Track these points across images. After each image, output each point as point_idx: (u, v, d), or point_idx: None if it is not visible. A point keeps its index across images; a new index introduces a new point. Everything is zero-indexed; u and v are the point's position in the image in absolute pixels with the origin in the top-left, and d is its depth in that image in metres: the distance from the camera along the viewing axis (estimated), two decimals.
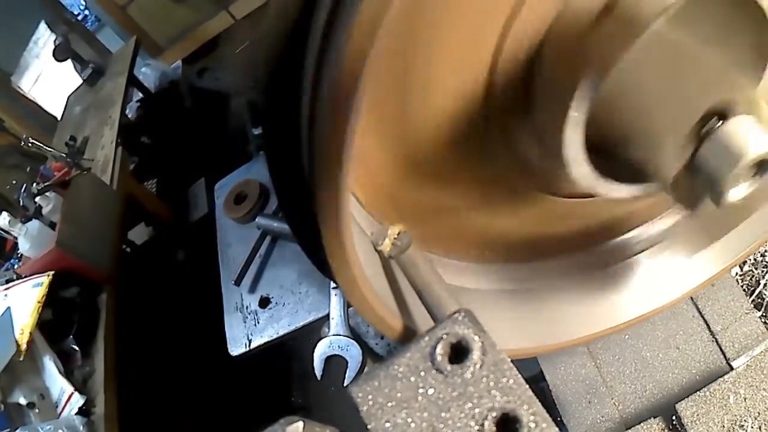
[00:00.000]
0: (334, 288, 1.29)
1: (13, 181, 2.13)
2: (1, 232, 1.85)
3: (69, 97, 2.89)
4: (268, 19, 0.52)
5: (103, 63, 2.89)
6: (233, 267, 1.48)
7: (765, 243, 1.00)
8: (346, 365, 1.25)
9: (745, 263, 1.26)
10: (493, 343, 0.47)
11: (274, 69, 0.55)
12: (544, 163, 0.71)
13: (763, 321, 1.12)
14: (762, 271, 1.24)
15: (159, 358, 2.15)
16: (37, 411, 1.46)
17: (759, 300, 1.20)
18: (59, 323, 1.64)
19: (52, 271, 1.67)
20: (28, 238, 1.77)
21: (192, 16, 3.37)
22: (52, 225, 1.80)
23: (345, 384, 1.24)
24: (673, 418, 1.04)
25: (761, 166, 0.53)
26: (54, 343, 1.58)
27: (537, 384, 1.19)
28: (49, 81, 3.06)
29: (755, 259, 1.25)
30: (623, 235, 1.00)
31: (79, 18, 3.69)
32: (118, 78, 2.66)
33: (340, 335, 1.25)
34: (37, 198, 1.83)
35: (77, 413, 1.45)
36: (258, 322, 1.38)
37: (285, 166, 0.64)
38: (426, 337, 0.49)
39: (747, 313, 1.10)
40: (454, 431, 0.44)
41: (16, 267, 1.92)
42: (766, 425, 0.98)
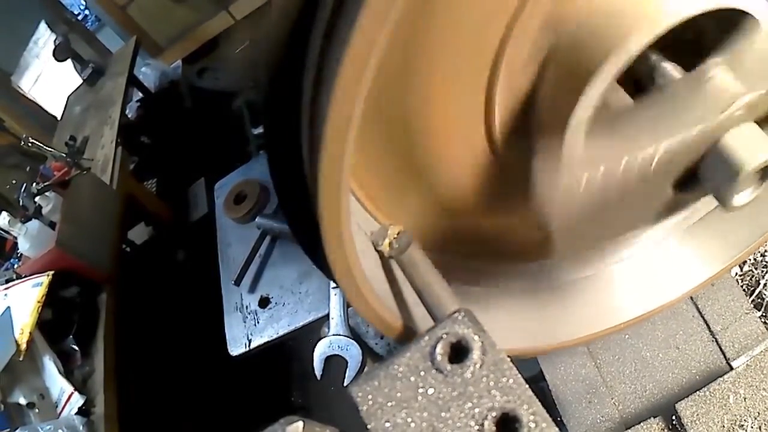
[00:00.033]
0: (333, 288, 1.29)
1: (13, 181, 2.13)
2: (1, 231, 1.85)
3: (69, 97, 2.88)
4: (269, 19, 0.52)
5: (103, 63, 2.88)
6: (233, 267, 1.48)
7: (765, 243, 0.99)
8: (345, 365, 1.25)
9: (745, 263, 1.26)
10: (493, 343, 0.47)
11: (274, 69, 0.55)
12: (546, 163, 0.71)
13: (763, 321, 1.12)
14: (762, 271, 1.24)
15: (159, 358, 2.15)
16: (37, 411, 1.46)
17: (759, 300, 1.20)
18: (59, 323, 1.64)
19: (51, 271, 1.67)
20: (27, 237, 1.77)
21: (192, 16, 3.37)
22: (52, 225, 1.79)
23: (345, 384, 1.24)
24: (673, 417, 1.04)
25: (766, 171, 0.53)
26: (54, 343, 1.58)
27: (537, 384, 1.19)
28: (49, 81, 3.05)
29: (755, 259, 1.26)
30: (623, 236, 1.00)
31: (79, 18, 3.69)
32: (118, 78, 2.66)
33: (339, 335, 1.26)
34: (37, 198, 1.82)
35: (77, 413, 1.45)
36: (258, 322, 1.38)
37: (285, 165, 0.64)
38: (426, 337, 0.49)
39: (747, 313, 1.10)
40: (454, 431, 0.44)
41: (15, 267, 1.91)
42: (766, 425, 0.98)
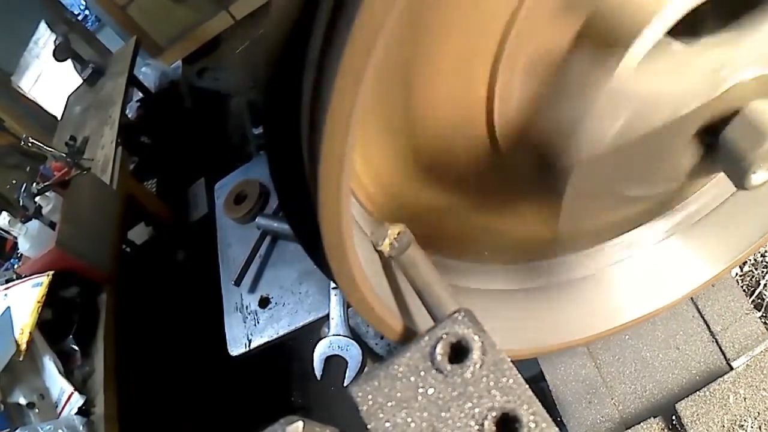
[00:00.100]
0: (333, 288, 1.29)
1: (13, 181, 2.13)
2: (1, 232, 1.85)
3: (69, 97, 2.88)
4: (269, 19, 0.52)
5: (103, 63, 2.89)
6: (233, 267, 1.48)
7: (765, 244, 0.99)
8: (346, 365, 1.25)
9: (745, 264, 1.26)
10: (493, 343, 0.47)
11: (274, 69, 0.55)
12: (551, 161, 0.71)
13: (763, 321, 1.12)
14: (762, 272, 1.24)
15: (159, 358, 2.15)
16: (37, 411, 1.46)
17: (759, 300, 1.20)
18: (59, 323, 1.64)
19: (51, 271, 1.67)
20: (28, 238, 1.77)
21: (192, 16, 3.37)
22: (52, 225, 1.79)
23: (345, 384, 1.24)
24: (673, 417, 1.04)
25: None
26: (54, 343, 1.58)
27: (537, 384, 1.19)
28: (49, 81, 3.05)
29: (755, 260, 1.26)
30: (624, 236, 1.00)
31: (79, 18, 3.69)
32: (118, 78, 2.66)
33: (339, 335, 1.25)
34: (37, 198, 1.82)
35: (77, 413, 1.45)
36: (258, 322, 1.38)
37: (285, 165, 0.64)
38: (426, 337, 0.49)
39: (747, 314, 1.10)
40: (454, 431, 0.44)
41: (16, 267, 1.91)
42: (766, 425, 0.98)
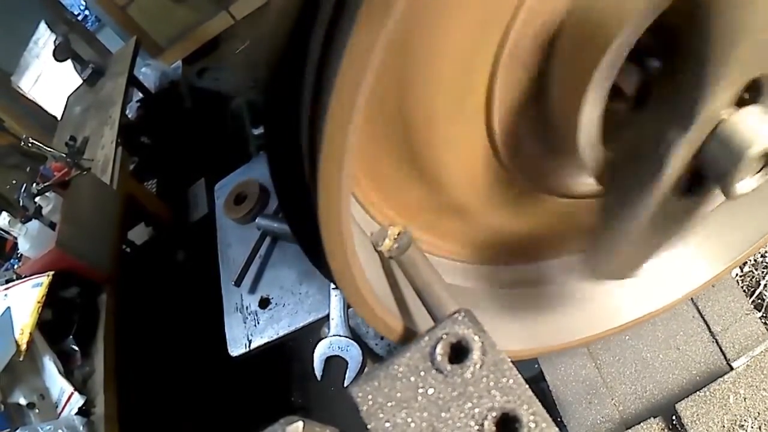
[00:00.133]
0: (334, 288, 1.28)
1: (13, 181, 2.13)
2: (1, 232, 1.85)
3: (69, 97, 2.88)
4: (270, 18, 0.52)
5: (103, 63, 2.88)
6: (233, 267, 1.48)
7: (765, 244, 0.99)
8: (346, 366, 1.25)
9: (746, 264, 1.26)
10: (493, 343, 0.47)
11: (275, 69, 0.55)
12: (549, 159, 0.71)
13: (764, 322, 1.12)
14: (762, 272, 1.24)
15: (159, 358, 2.15)
16: (37, 411, 1.46)
17: (759, 301, 1.20)
18: (59, 323, 1.64)
19: (52, 271, 1.67)
20: (28, 238, 1.77)
21: (192, 16, 3.37)
22: (52, 225, 1.79)
23: (345, 384, 1.24)
24: (673, 418, 1.04)
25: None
26: (54, 343, 1.58)
27: (537, 384, 1.19)
28: (49, 81, 3.05)
29: (755, 260, 1.26)
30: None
31: (79, 18, 3.69)
32: (118, 78, 2.66)
33: (340, 336, 1.25)
34: (37, 198, 1.82)
35: (77, 413, 1.45)
36: (258, 322, 1.38)
37: (285, 166, 0.64)
38: (426, 337, 0.49)
39: (747, 314, 1.10)
40: (454, 431, 0.44)
41: (16, 267, 1.91)
42: (766, 425, 0.98)
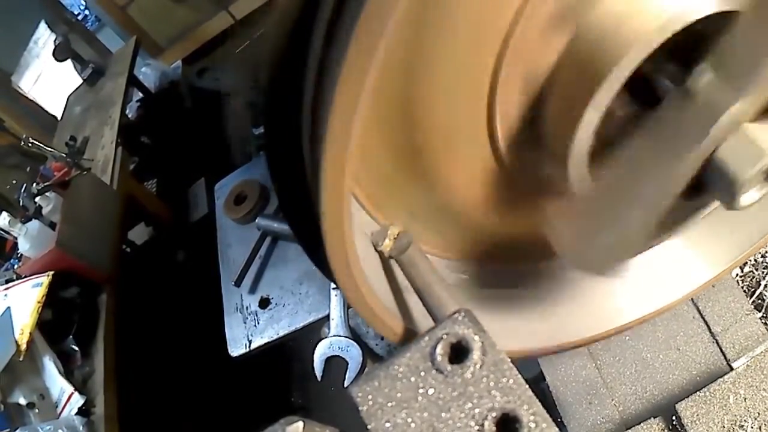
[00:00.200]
0: (334, 289, 1.29)
1: (13, 181, 2.12)
2: (1, 232, 1.85)
3: (69, 97, 2.88)
4: (270, 18, 0.52)
5: (103, 63, 2.88)
6: (233, 267, 1.48)
7: (765, 244, 0.99)
8: (346, 366, 1.25)
9: (746, 264, 1.25)
10: (493, 343, 0.47)
11: (275, 68, 0.55)
12: (548, 165, 0.71)
13: (764, 322, 1.12)
14: (762, 273, 1.24)
15: (159, 358, 2.15)
16: (37, 411, 1.46)
17: (759, 301, 1.20)
18: (59, 323, 1.64)
19: (51, 271, 1.67)
20: (28, 238, 1.77)
21: (192, 16, 3.37)
22: (52, 225, 1.79)
23: (345, 384, 1.24)
24: (673, 418, 1.04)
25: None
26: (54, 343, 1.58)
27: (537, 385, 1.19)
28: (49, 81, 3.05)
29: (756, 261, 1.25)
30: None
31: (79, 18, 3.68)
32: (118, 78, 2.66)
33: (340, 336, 1.25)
34: (37, 198, 1.82)
35: (77, 413, 1.45)
36: (258, 322, 1.38)
37: (285, 166, 0.64)
38: (426, 337, 0.49)
39: (747, 315, 1.10)
40: (454, 431, 0.44)
41: (16, 267, 1.91)
42: (766, 425, 0.98)
